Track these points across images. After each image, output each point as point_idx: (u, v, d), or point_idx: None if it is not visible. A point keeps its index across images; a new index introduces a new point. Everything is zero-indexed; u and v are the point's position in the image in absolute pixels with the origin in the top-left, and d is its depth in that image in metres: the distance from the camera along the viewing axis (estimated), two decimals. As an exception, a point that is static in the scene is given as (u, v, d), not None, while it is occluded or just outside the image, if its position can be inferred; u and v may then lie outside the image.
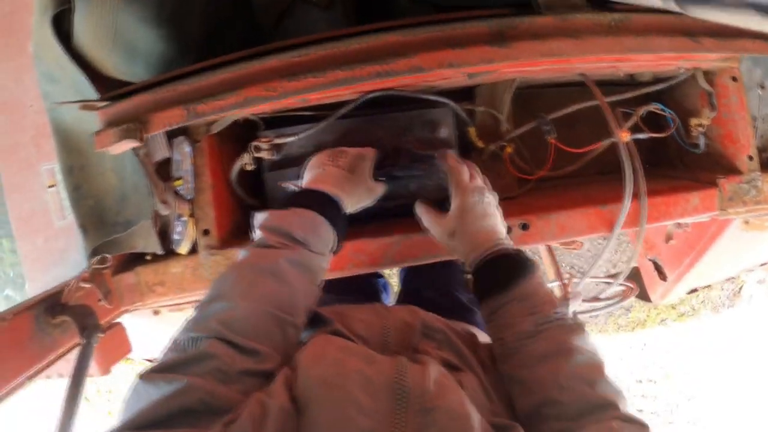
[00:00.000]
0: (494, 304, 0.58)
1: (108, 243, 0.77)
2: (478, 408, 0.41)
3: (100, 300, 0.73)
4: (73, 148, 0.79)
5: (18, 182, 0.74)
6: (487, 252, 0.62)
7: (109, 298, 0.72)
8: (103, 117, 0.51)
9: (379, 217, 0.84)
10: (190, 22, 0.67)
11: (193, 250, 0.82)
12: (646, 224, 0.84)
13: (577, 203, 0.84)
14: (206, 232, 0.80)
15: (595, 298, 0.98)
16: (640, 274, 1.16)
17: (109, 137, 0.48)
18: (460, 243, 0.66)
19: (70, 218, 0.79)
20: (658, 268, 1.06)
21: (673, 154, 1.01)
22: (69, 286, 0.71)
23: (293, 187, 0.80)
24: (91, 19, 0.66)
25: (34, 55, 0.74)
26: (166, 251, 0.80)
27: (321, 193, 0.62)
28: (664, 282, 1.06)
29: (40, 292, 0.70)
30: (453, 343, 0.57)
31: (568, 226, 0.82)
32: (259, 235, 0.59)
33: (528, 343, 0.53)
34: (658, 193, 0.86)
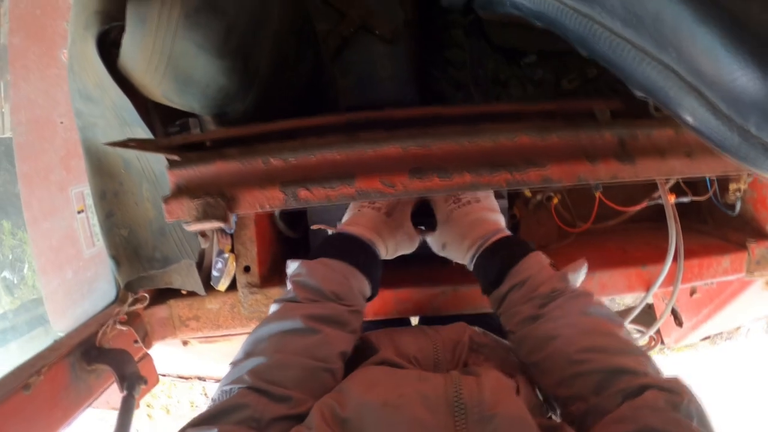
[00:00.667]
0: (496, 298, 0.59)
1: (142, 277, 0.72)
2: (531, 410, 0.41)
3: (136, 342, 0.69)
4: (106, 172, 0.72)
5: (47, 209, 0.67)
6: (473, 252, 0.62)
7: (147, 341, 0.68)
8: (173, 179, 0.46)
9: (425, 259, 0.82)
10: (258, 56, 0.62)
11: (232, 285, 0.78)
12: (680, 285, 0.87)
13: (618, 261, 0.85)
14: (247, 269, 0.77)
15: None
16: (654, 311, 1.20)
17: (184, 209, 0.43)
18: (453, 251, 0.66)
19: (100, 245, 0.74)
20: (675, 314, 1.10)
21: (705, 209, 1.03)
22: (104, 326, 0.66)
23: (328, 230, 0.77)
24: (145, 43, 0.59)
25: (69, 70, 0.66)
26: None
27: (355, 239, 0.60)
28: (680, 328, 1.10)
29: (72, 333, 0.65)
30: (499, 354, 0.57)
31: (610, 285, 0.83)
32: (290, 287, 0.57)
33: (533, 327, 0.53)
34: (693, 255, 0.88)
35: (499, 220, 0.66)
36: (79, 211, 0.71)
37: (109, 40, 0.63)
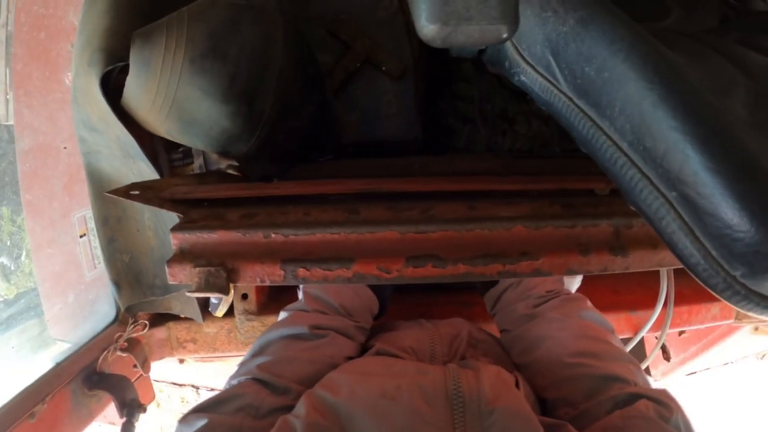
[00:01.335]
0: (492, 297, 0.60)
1: (142, 302, 0.74)
2: (531, 406, 0.41)
3: (135, 366, 0.71)
4: (108, 198, 0.73)
5: (49, 236, 0.68)
6: None
7: (146, 367, 0.71)
8: (177, 242, 0.47)
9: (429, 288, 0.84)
10: (263, 100, 0.61)
11: (230, 311, 0.80)
12: (668, 330, 0.88)
13: (608, 304, 0.86)
14: (245, 297, 0.79)
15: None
16: (644, 344, 1.23)
17: (186, 275, 0.45)
18: None
19: (101, 267, 0.75)
20: (664, 348, 1.12)
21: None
22: (106, 351, 0.69)
23: None
24: (149, 86, 0.59)
25: (73, 100, 0.66)
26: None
27: None
28: (668, 362, 1.13)
29: (74, 358, 0.67)
30: (497, 350, 0.57)
31: (599, 328, 0.85)
32: (301, 297, 0.59)
33: (527, 327, 0.53)
34: (683, 301, 0.89)
35: None
36: (81, 236, 0.72)
37: (114, 75, 0.62)
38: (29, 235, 0.68)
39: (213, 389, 1.11)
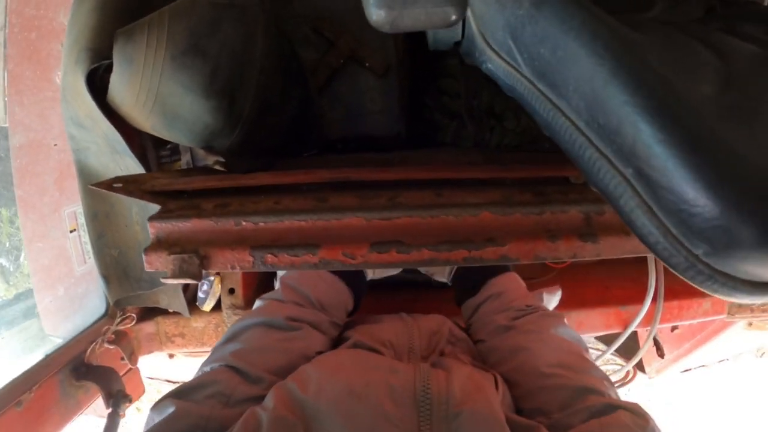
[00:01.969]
0: (470, 307, 0.61)
1: (131, 296, 0.75)
2: (507, 407, 0.42)
3: (123, 359, 0.72)
4: (97, 194, 0.75)
5: (40, 231, 0.70)
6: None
7: (133, 359, 0.72)
8: (154, 231, 0.48)
9: (413, 286, 0.85)
10: (243, 95, 0.62)
11: (217, 305, 0.81)
12: (657, 325, 0.87)
13: (599, 300, 0.86)
14: (231, 291, 0.80)
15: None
16: (638, 340, 1.21)
17: (162, 262, 0.46)
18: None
19: (91, 262, 0.77)
20: (658, 345, 1.11)
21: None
22: (93, 343, 0.70)
23: None
24: (133, 82, 0.61)
25: (62, 98, 0.68)
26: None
27: None
28: (661, 359, 1.12)
29: (62, 349, 0.69)
30: (472, 349, 0.57)
31: (587, 323, 0.85)
32: (278, 286, 0.59)
33: (504, 337, 0.53)
34: (673, 295, 0.88)
35: None
36: (72, 231, 0.74)
37: (99, 74, 0.64)
38: (22, 230, 0.70)
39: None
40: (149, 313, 0.81)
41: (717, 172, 0.29)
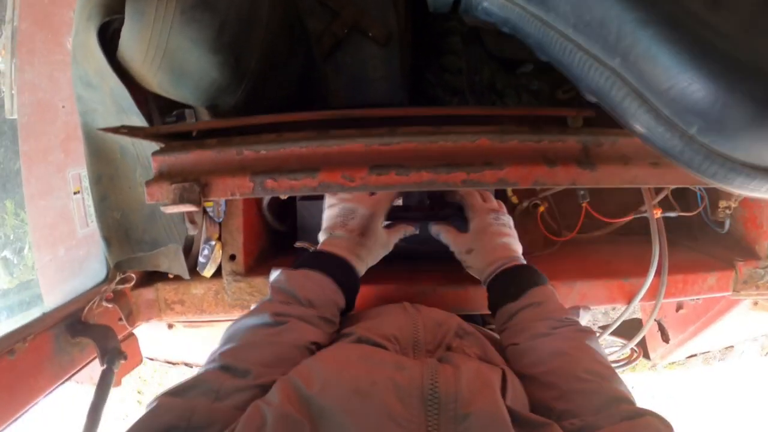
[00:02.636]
0: (508, 311, 0.61)
1: (131, 259, 0.75)
2: (519, 403, 0.42)
3: (121, 320, 0.72)
4: (103, 157, 0.76)
5: (44, 188, 0.71)
6: (501, 265, 0.65)
7: (130, 319, 0.71)
8: (156, 165, 0.49)
9: (412, 258, 0.84)
10: (249, 52, 0.64)
11: (217, 272, 0.80)
12: (662, 299, 0.86)
13: (601, 273, 0.85)
14: (232, 258, 0.79)
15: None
16: (642, 324, 1.19)
17: (163, 192, 0.46)
18: (477, 259, 0.69)
19: (93, 226, 0.77)
20: (662, 329, 1.09)
21: (695, 226, 1.03)
22: (91, 302, 0.69)
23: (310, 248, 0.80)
24: (142, 36, 0.62)
25: (72, 58, 0.70)
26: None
27: (333, 256, 0.63)
28: (666, 344, 1.10)
29: (60, 307, 0.68)
30: (484, 344, 0.57)
31: (590, 295, 0.84)
32: (270, 292, 0.60)
33: (543, 341, 0.54)
34: (678, 270, 0.87)
35: (520, 250, 0.72)
36: (75, 192, 0.75)
37: (110, 31, 0.66)
38: (24, 186, 0.70)
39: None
40: (149, 279, 0.81)
41: (699, 45, 0.30)
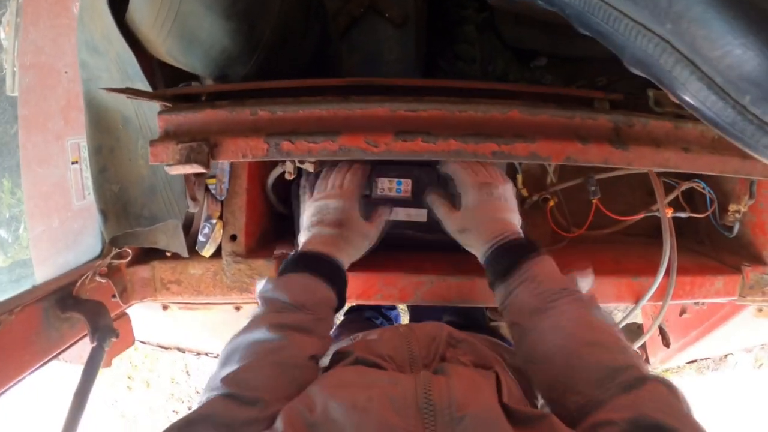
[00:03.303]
0: (505, 290, 0.59)
1: (128, 234, 0.72)
2: (514, 400, 0.42)
3: (114, 297, 0.68)
4: (104, 127, 0.73)
5: (41, 155, 0.67)
6: (495, 243, 0.62)
7: (124, 297, 0.68)
8: (162, 124, 0.46)
9: (419, 247, 0.82)
10: (264, 21, 0.62)
11: (217, 252, 0.77)
12: (669, 301, 0.85)
13: (610, 270, 0.84)
14: (233, 238, 0.77)
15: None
16: (643, 329, 1.18)
17: (168, 153, 0.43)
18: (472, 239, 0.66)
19: (90, 198, 0.74)
20: (663, 333, 1.08)
21: (703, 229, 1.02)
22: (84, 277, 0.66)
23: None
24: (154, -1, 0.60)
25: (79, 21, 0.67)
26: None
27: (315, 254, 0.61)
28: (667, 348, 1.08)
29: (50, 281, 0.65)
30: (477, 348, 0.57)
31: (598, 292, 0.82)
32: (259, 303, 0.59)
33: (541, 318, 0.54)
34: (686, 272, 0.86)
35: (519, 222, 0.68)
36: (74, 162, 0.71)
37: (119, -4, 0.63)
38: (21, 150, 0.67)
39: (198, 353, 1.06)
40: (145, 257, 0.78)
41: (755, 12, 0.28)
